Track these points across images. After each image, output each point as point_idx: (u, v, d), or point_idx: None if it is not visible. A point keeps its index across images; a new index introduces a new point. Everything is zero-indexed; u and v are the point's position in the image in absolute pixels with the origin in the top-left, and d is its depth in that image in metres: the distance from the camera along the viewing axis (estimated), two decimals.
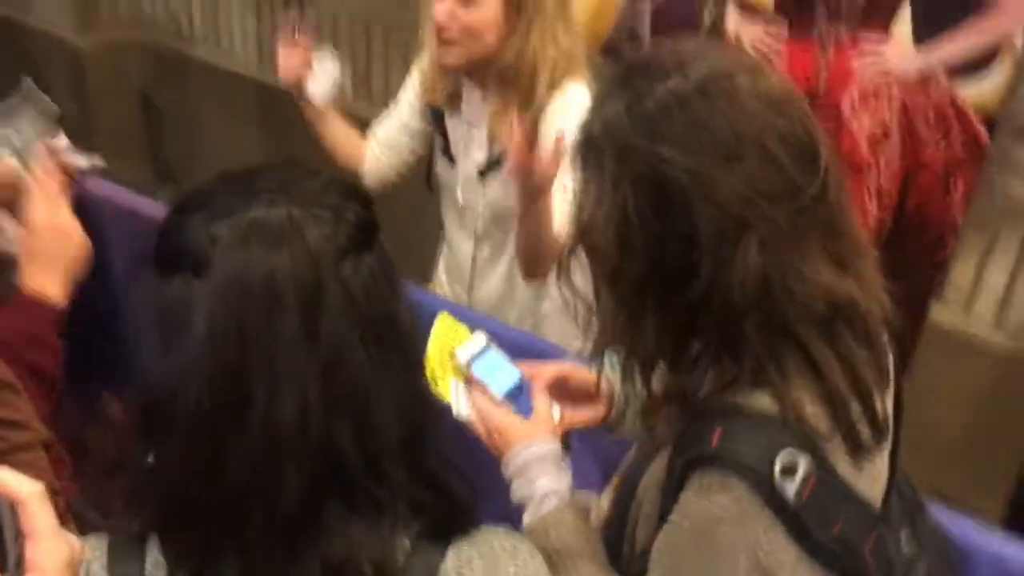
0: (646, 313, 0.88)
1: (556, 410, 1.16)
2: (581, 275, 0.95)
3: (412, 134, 1.86)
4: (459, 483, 0.81)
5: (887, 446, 0.93)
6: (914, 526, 1.01)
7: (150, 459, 0.73)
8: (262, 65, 3.51)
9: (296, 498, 0.70)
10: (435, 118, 1.81)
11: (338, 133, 1.88)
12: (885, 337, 0.93)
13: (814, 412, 0.86)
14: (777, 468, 0.83)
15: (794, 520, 0.83)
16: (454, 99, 1.75)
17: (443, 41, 1.61)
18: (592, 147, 0.88)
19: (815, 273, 0.84)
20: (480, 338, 1.21)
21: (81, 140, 3.83)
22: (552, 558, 1.01)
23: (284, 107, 1.90)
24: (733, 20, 2.75)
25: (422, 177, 1.92)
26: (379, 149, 1.89)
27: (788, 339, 0.85)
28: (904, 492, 1.01)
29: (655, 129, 0.83)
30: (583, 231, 0.89)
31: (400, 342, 0.75)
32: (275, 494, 0.70)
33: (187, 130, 3.71)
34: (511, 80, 1.63)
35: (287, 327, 0.69)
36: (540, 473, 1.08)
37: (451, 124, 1.78)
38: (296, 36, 1.80)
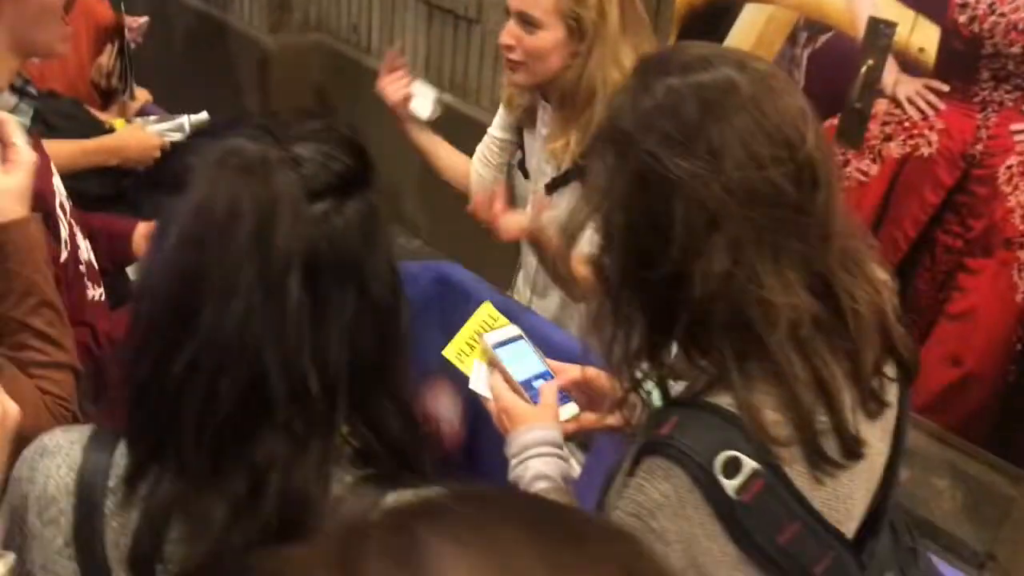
0: (627, 304, 0.88)
1: (573, 407, 1.18)
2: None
3: (503, 147, 1.92)
4: (417, 440, 0.83)
5: (863, 471, 0.89)
6: (904, 572, 0.95)
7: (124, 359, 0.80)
8: (427, 79, 3.65)
9: (225, 407, 0.74)
10: (516, 133, 1.87)
11: (440, 152, 1.98)
12: (886, 365, 0.90)
13: (774, 418, 0.84)
14: (718, 463, 0.81)
15: (733, 519, 0.82)
16: (530, 115, 1.81)
17: (509, 62, 1.68)
18: (600, 135, 0.90)
19: (783, 282, 0.83)
20: (512, 329, 1.26)
21: None
22: None
23: (444, 120, 2.03)
24: (892, 72, 2.67)
25: None
26: (479, 164, 1.96)
27: (755, 341, 0.84)
28: (900, 535, 0.96)
29: (648, 123, 0.85)
30: (582, 214, 0.91)
31: (364, 290, 0.78)
32: (208, 401, 0.74)
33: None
34: (571, 100, 1.66)
35: (240, 247, 0.74)
36: (535, 456, 1.09)
37: (528, 139, 1.83)
38: (393, 65, 1.95)
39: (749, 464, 0.82)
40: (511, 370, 1.20)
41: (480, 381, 1.23)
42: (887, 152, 2.70)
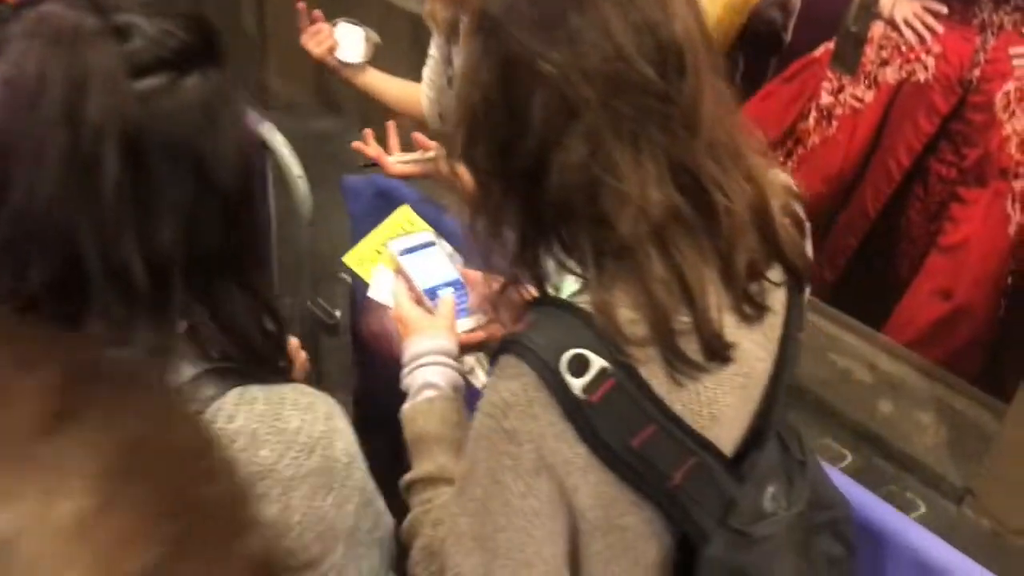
0: (498, 199, 0.85)
1: (475, 318, 1.14)
2: None
3: (439, 66, 1.85)
4: (272, 334, 0.81)
5: (734, 376, 0.86)
6: (790, 483, 0.92)
7: None
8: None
9: (40, 289, 0.72)
10: (447, 48, 1.80)
11: (384, 88, 1.91)
12: (770, 269, 0.86)
13: (630, 317, 0.81)
14: (564, 361, 0.79)
15: (582, 419, 0.79)
16: (454, 28, 1.74)
17: None
18: (471, 20, 0.86)
19: (643, 175, 0.79)
20: (424, 235, 1.22)
21: (255, 56, 4.02)
22: (414, 444, 1.01)
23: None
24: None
25: None
26: (426, 88, 1.89)
27: (613, 237, 0.80)
28: (790, 448, 0.93)
29: (513, 9, 0.82)
30: (454, 104, 0.87)
31: (204, 174, 0.75)
32: (22, 282, 0.72)
33: None
34: None
35: (48, 120, 0.70)
36: (423, 365, 1.08)
37: (455, 54, 1.77)
38: (309, 18, 1.86)
39: (597, 362, 0.79)
40: (416, 278, 1.17)
41: (383, 288, 1.20)
42: (883, 78, 2.62)
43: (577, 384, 0.79)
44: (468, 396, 1.10)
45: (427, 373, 1.07)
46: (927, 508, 2.41)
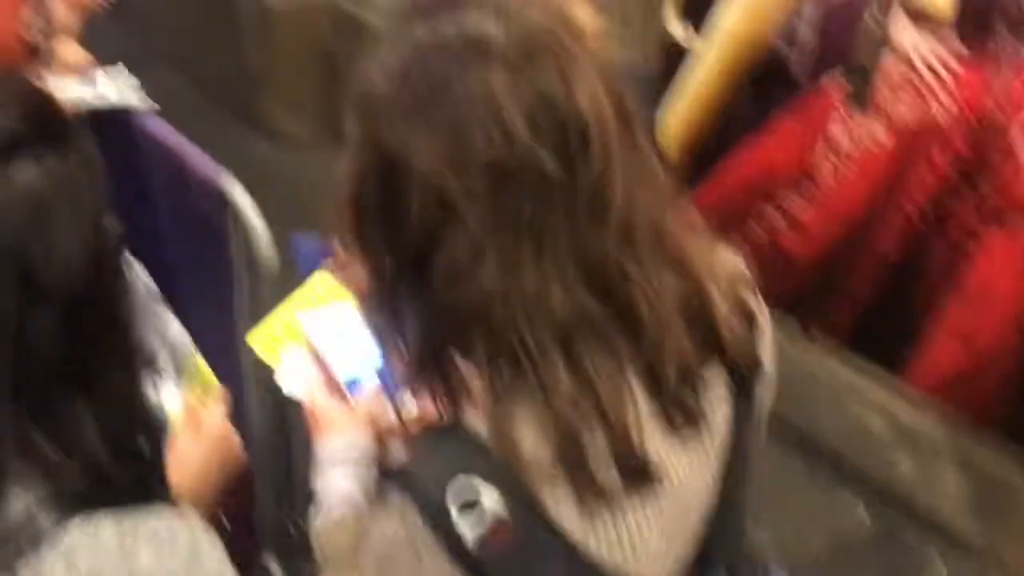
0: (392, 290, 0.74)
1: (404, 407, 1.03)
2: None
3: None
4: (127, 452, 0.72)
5: (662, 499, 0.73)
6: None
7: None
8: None
9: None
10: None
11: None
12: (709, 370, 0.75)
13: (533, 441, 0.69)
14: (455, 501, 0.67)
15: (474, 565, 0.68)
16: None
17: None
18: (351, 97, 0.75)
19: (542, 274, 0.68)
20: (345, 307, 1.07)
21: (262, 91, 3.97)
22: (325, 566, 0.91)
23: None
24: (905, 31, 2.44)
25: None
26: None
27: (511, 346, 0.69)
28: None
29: (389, 89, 0.71)
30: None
31: (32, 280, 0.66)
32: None
33: None
34: None
35: None
36: (332, 471, 0.96)
37: None
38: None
39: (491, 497, 0.67)
40: (333, 364, 1.05)
41: (294, 374, 1.06)
42: (896, 115, 2.49)
43: (467, 524, 0.67)
44: None
45: (339, 479, 0.96)
46: (950, 574, 2.26)
